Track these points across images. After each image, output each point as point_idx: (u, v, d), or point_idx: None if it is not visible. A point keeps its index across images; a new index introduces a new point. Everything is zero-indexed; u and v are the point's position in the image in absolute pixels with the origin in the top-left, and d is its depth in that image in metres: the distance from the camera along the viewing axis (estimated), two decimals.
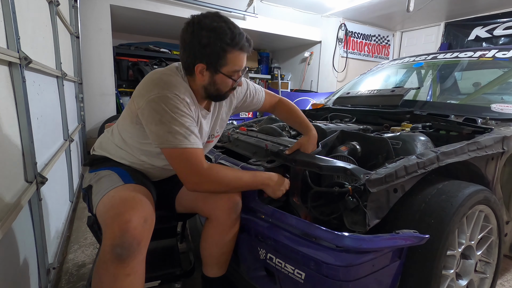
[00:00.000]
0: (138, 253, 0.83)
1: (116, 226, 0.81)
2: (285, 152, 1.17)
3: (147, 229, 0.87)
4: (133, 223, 0.82)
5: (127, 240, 0.80)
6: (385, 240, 0.84)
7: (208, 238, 1.13)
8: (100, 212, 0.91)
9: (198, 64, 0.96)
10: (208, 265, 1.17)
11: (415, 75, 2.44)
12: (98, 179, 1.03)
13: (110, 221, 0.84)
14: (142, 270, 0.88)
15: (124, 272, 0.81)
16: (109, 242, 0.80)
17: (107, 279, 0.81)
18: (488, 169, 1.26)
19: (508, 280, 1.55)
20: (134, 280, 0.83)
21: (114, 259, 0.80)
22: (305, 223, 0.94)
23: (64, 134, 2.17)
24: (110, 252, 0.80)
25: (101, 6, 3.69)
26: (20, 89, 1.14)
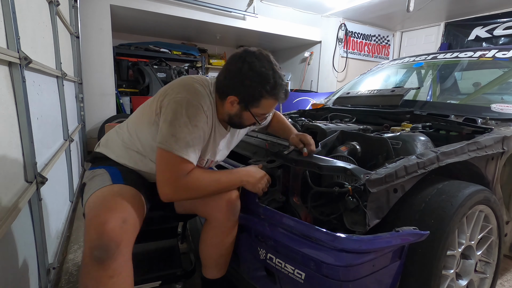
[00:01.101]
0: (118, 254, 0.81)
1: (93, 229, 0.81)
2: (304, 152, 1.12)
3: (127, 230, 0.85)
4: (109, 224, 0.81)
5: (104, 242, 0.79)
6: (385, 240, 0.84)
7: (207, 239, 1.12)
8: (86, 211, 0.91)
9: (232, 96, 1.00)
10: (207, 267, 1.16)
11: (415, 75, 2.44)
12: (92, 177, 1.02)
13: (88, 223, 0.83)
14: (128, 271, 0.86)
15: (106, 275, 0.80)
16: (87, 245, 0.80)
17: (90, 283, 0.80)
18: (488, 169, 1.26)
19: (508, 280, 1.55)
20: (118, 282, 0.82)
21: (94, 262, 0.79)
22: (304, 225, 0.94)
23: (64, 134, 2.17)
24: (90, 255, 0.79)
25: (101, 6, 3.70)
26: (20, 89, 1.14)
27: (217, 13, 4.45)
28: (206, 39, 6.03)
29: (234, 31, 5.06)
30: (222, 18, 4.54)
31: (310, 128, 1.51)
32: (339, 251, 0.84)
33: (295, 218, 0.99)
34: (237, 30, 4.97)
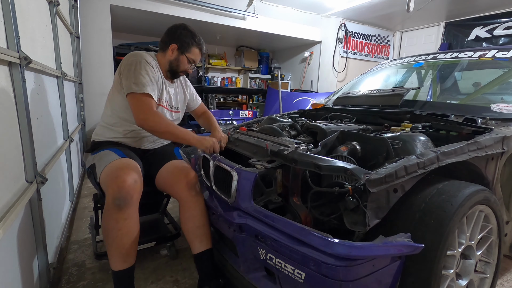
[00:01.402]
0: (131, 203, 1.18)
1: (115, 185, 1.16)
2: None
3: (137, 188, 1.21)
4: (127, 182, 1.17)
5: (123, 195, 1.15)
6: (377, 249, 0.84)
7: (183, 217, 1.37)
8: (103, 178, 1.25)
9: (173, 44, 1.48)
10: (192, 242, 1.36)
11: (415, 75, 2.44)
12: (99, 158, 1.36)
13: (111, 182, 1.18)
14: (136, 217, 1.22)
15: (122, 217, 1.16)
16: (111, 197, 1.15)
17: (111, 222, 1.16)
18: (488, 169, 1.26)
19: (508, 280, 1.55)
20: (130, 223, 1.19)
21: (115, 208, 1.15)
22: (296, 227, 0.94)
23: (64, 134, 2.17)
24: (112, 203, 1.15)
25: (101, 6, 3.69)
26: (20, 89, 1.14)
27: (217, 13, 4.45)
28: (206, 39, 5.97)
29: (234, 31, 5.06)
30: (222, 18, 4.54)
31: (310, 128, 1.51)
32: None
33: (288, 220, 0.99)
34: (237, 30, 4.97)
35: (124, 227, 1.17)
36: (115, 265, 1.20)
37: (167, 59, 1.50)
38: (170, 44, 1.48)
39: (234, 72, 6.99)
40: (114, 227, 1.16)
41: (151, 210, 1.80)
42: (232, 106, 6.83)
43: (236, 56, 6.96)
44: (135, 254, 1.24)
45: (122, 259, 1.19)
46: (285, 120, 1.77)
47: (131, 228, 1.19)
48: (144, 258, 1.69)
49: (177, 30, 1.49)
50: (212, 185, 1.37)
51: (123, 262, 1.20)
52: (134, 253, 1.23)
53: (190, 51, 1.50)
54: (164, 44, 1.50)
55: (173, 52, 1.48)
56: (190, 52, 1.50)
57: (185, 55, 1.49)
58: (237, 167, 1.21)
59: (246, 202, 1.14)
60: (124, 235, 1.17)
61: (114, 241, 1.17)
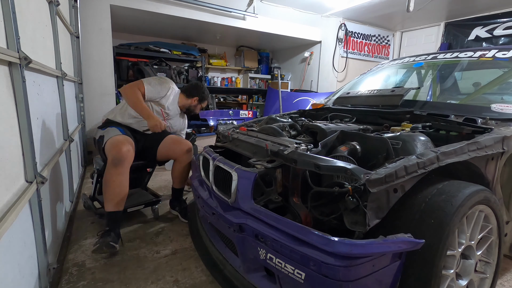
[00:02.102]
0: (124, 164, 1.74)
1: (115, 150, 1.74)
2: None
3: (129, 155, 1.78)
4: (122, 149, 1.75)
5: (118, 157, 1.72)
6: (377, 246, 0.84)
7: (175, 169, 2.17)
8: (108, 146, 1.82)
9: (196, 97, 2.31)
10: (175, 182, 2.21)
11: (415, 75, 2.44)
12: (107, 132, 1.95)
13: (112, 148, 1.77)
14: (127, 175, 1.78)
15: (117, 172, 1.72)
16: (111, 158, 1.73)
17: (109, 175, 1.72)
18: (488, 169, 1.26)
19: (508, 280, 1.55)
20: (122, 178, 1.75)
21: (113, 165, 1.72)
22: (297, 227, 0.94)
23: (64, 134, 2.17)
24: (111, 162, 1.72)
25: (101, 6, 3.69)
26: (20, 89, 1.14)
27: (217, 13, 4.45)
28: (206, 39, 6.02)
29: (234, 31, 5.06)
30: (222, 18, 4.54)
31: (310, 128, 1.51)
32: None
33: (288, 219, 0.99)
34: (237, 30, 4.96)
35: (117, 180, 1.72)
36: (109, 207, 1.72)
37: (189, 103, 2.30)
38: (194, 96, 2.29)
39: (234, 72, 6.99)
40: (111, 179, 1.71)
41: (136, 185, 2.43)
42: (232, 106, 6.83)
43: (236, 56, 6.95)
44: (124, 203, 1.78)
45: (114, 203, 1.72)
46: (285, 120, 1.77)
47: (123, 182, 1.75)
48: (144, 258, 1.69)
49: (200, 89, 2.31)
50: (212, 186, 1.37)
51: (115, 206, 1.73)
52: (123, 202, 1.77)
53: (203, 102, 2.36)
54: (189, 93, 2.29)
55: (195, 101, 2.31)
56: (203, 103, 2.36)
57: (199, 105, 2.34)
58: (237, 167, 1.21)
59: (246, 202, 1.14)
60: (117, 185, 1.72)
61: (110, 188, 1.71)
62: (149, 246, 1.81)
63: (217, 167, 1.34)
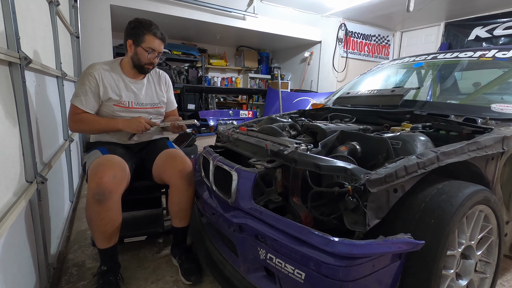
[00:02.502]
0: (110, 197, 1.27)
1: (94, 182, 1.26)
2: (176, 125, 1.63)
3: (116, 182, 1.30)
4: (104, 179, 1.26)
5: (102, 190, 1.25)
6: (377, 246, 0.84)
7: (170, 199, 1.53)
8: (88, 175, 1.35)
9: (128, 40, 1.55)
10: (173, 218, 1.55)
11: (415, 75, 2.44)
12: (88, 157, 1.49)
13: (91, 179, 1.28)
14: (117, 206, 1.33)
15: (103, 209, 1.27)
16: (90, 192, 1.26)
17: (93, 214, 1.28)
18: (488, 169, 1.26)
19: (508, 280, 1.55)
20: (111, 213, 1.30)
21: (95, 202, 1.25)
22: (297, 227, 0.94)
23: (64, 134, 2.17)
24: (92, 198, 1.25)
25: (101, 6, 3.69)
26: (20, 89, 1.14)
27: (217, 13, 4.45)
28: (206, 39, 6.03)
29: (234, 31, 5.06)
30: (222, 18, 4.54)
31: (310, 128, 1.51)
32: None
33: (288, 220, 0.99)
34: (237, 30, 4.97)
35: (106, 217, 1.29)
36: (100, 245, 1.36)
37: (129, 57, 1.57)
38: (127, 41, 1.55)
39: (234, 72, 6.99)
40: (97, 218, 1.29)
41: (152, 205, 1.84)
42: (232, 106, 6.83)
43: (236, 56, 6.96)
44: (118, 234, 1.40)
45: (106, 241, 1.36)
46: (285, 120, 1.77)
47: (113, 217, 1.32)
48: (144, 258, 1.69)
49: (129, 26, 1.54)
50: (212, 186, 1.37)
51: (107, 243, 1.36)
52: (117, 235, 1.39)
53: (144, 40, 1.52)
54: (124, 46, 1.58)
55: (131, 47, 1.55)
56: (144, 41, 1.52)
57: (141, 46, 1.53)
58: (237, 167, 1.21)
59: (246, 202, 1.14)
60: (106, 223, 1.31)
61: (98, 228, 1.31)
62: (149, 246, 1.81)
63: (217, 167, 1.34)
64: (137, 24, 1.52)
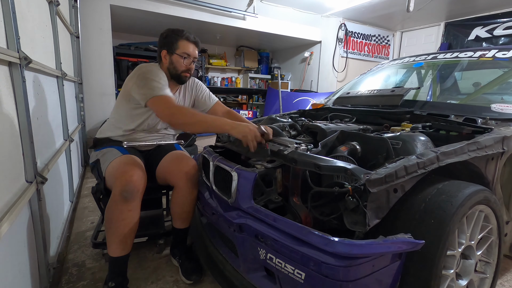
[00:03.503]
0: (137, 197, 1.28)
1: (124, 179, 1.25)
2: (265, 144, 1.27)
3: (143, 183, 1.31)
4: (134, 177, 1.27)
5: (130, 188, 1.24)
6: (377, 246, 0.84)
7: (174, 200, 1.50)
8: (110, 172, 1.36)
9: (162, 51, 1.54)
10: (175, 219, 1.55)
11: (415, 75, 2.44)
12: (103, 154, 1.47)
13: (119, 176, 1.27)
14: (138, 210, 1.32)
15: (127, 208, 1.26)
16: (118, 189, 1.24)
17: (116, 213, 1.25)
18: (488, 169, 1.26)
19: (508, 280, 1.55)
20: (133, 214, 1.29)
21: (122, 200, 1.24)
22: (296, 227, 0.94)
23: (64, 134, 2.17)
24: (119, 195, 1.23)
25: (101, 6, 3.69)
26: (20, 89, 1.14)
27: (217, 13, 4.45)
28: (206, 39, 6.02)
29: (234, 31, 5.06)
30: (222, 18, 4.54)
31: (310, 128, 1.51)
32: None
33: (288, 220, 0.99)
34: (237, 30, 4.96)
35: (127, 218, 1.27)
36: (114, 252, 1.30)
37: (165, 68, 1.55)
38: (161, 52, 1.54)
39: (234, 72, 6.99)
40: (119, 217, 1.26)
41: (153, 206, 1.85)
42: (232, 106, 6.83)
43: (236, 56, 6.95)
44: (132, 243, 1.35)
45: (121, 247, 1.30)
46: (285, 120, 1.77)
47: (133, 219, 1.30)
48: (144, 258, 1.69)
49: (161, 37, 1.55)
50: (212, 186, 1.37)
51: (122, 250, 1.30)
52: (131, 243, 1.34)
53: (177, 46, 1.51)
54: (159, 57, 1.57)
55: (166, 57, 1.54)
56: (178, 47, 1.51)
57: (176, 53, 1.52)
58: (237, 167, 1.21)
59: (246, 202, 1.14)
60: (126, 225, 1.28)
61: (116, 230, 1.27)
62: (149, 246, 1.81)
63: (217, 167, 1.34)
64: (168, 33, 1.53)
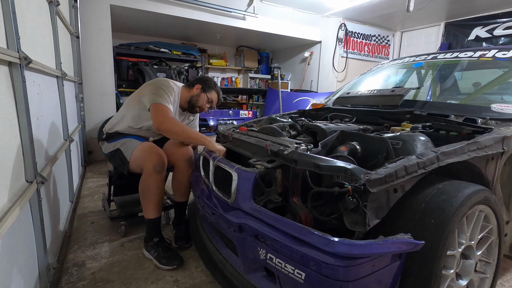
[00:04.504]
0: (164, 170, 1.65)
1: (155, 157, 1.62)
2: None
3: (166, 160, 1.67)
4: (162, 155, 1.66)
5: (161, 163, 1.63)
6: (377, 247, 0.84)
7: (174, 177, 1.85)
8: (137, 156, 1.68)
9: (198, 84, 1.92)
10: (176, 194, 1.88)
11: (415, 75, 2.44)
12: (122, 144, 1.77)
13: (150, 156, 1.64)
14: (164, 180, 1.71)
15: (160, 179, 1.64)
16: (152, 165, 1.60)
17: (152, 183, 1.62)
18: (488, 169, 1.26)
19: (508, 280, 1.55)
20: (163, 184, 1.68)
21: (156, 173, 1.61)
22: (297, 227, 0.94)
23: (64, 134, 2.17)
24: (153, 170, 1.60)
25: (101, 6, 3.69)
26: (20, 89, 1.14)
27: (217, 13, 4.45)
28: (206, 39, 6.02)
29: (234, 31, 5.06)
30: (222, 18, 4.54)
31: (310, 128, 1.51)
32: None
33: (288, 220, 0.99)
34: (237, 30, 4.96)
35: (160, 186, 1.65)
36: (151, 214, 1.66)
37: (190, 94, 1.91)
38: (196, 84, 1.91)
39: (234, 72, 6.99)
40: (154, 186, 1.62)
41: None
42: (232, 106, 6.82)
43: (236, 56, 6.95)
44: (162, 206, 1.75)
45: (157, 210, 1.67)
46: (285, 120, 1.77)
47: (163, 188, 1.69)
48: (144, 258, 1.69)
49: (204, 77, 1.97)
50: (212, 186, 1.37)
51: (157, 212, 1.68)
52: (162, 206, 1.76)
53: (210, 92, 1.93)
54: (191, 84, 1.94)
55: (197, 90, 1.90)
56: (210, 93, 1.93)
57: (206, 94, 1.91)
58: (237, 167, 1.21)
59: (246, 202, 1.14)
60: (159, 192, 1.66)
61: (153, 196, 1.64)
62: None
63: (217, 167, 1.34)
64: (211, 80, 1.97)
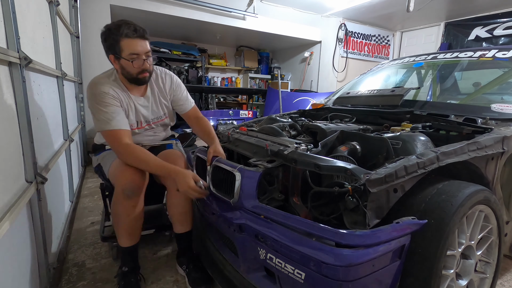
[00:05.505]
0: (138, 193, 1.31)
1: (124, 178, 1.28)
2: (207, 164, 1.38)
3: (143, 179, 1.33)
4: (133, 176, 1.29)
5: (132, 186, 1.28)
6: (387, 232, 0.85)
7: (169, 202, 1.49)
8: (112, 173, 1.38)
9: (109, 55, 1.34)
10: (174, 224, 1.52)
11: (415, 75, 2.44)
12: (102, 158, 1.52)
13: (120, 175, 1.30)
14: (142, 203, 1.37)
15: (131, 204, 1.31)
16: (120, 188, 1.27)
17: (120, 209, 1.31)
18: (488, 169, 1.26)
19: (508, 280, 1.55)
20: (138, 209, 1.34)
21: (125, 197, 1.28)
22: (307, 222, 0.94)
23: (64, 134, 2.17)
24: (122, 194, 1.27)
25: (101, 6, 3.69)
26: (20, 89, 1.14)
27: (217, 13, 4.45)
28: (206, 39, 6.03)
29: (234, 31, 5.06)
30: (222, 18, 4.54)
31: (310, 128, 1.51)
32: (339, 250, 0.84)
33: (297, 216, 0.99)
34: (237, 30, 4.96)
35: (132, 213, 1.32)
36: (124, 243, 1.38)
37: (120, 72, 1.38)
38: (108, 57, 1.35)
39: (234, 72, 6.99)
40: (123, 213, 1.31)
41: (154, 201, 1.91)
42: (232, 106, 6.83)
43: (236, 56, 6.95)
44: (140, 233, 1.42)
45: (130, 238, 1.38)
46: (285, 120, 1.77)
47: (138, 213, 1.35)
48: (144, 258, 1.69)
49: (102, 40, 1.32)
50: (210, 186, 1.37)
51: (130, 241, 1.38)
52: (139, 233, 1.42)
53: (121, 48, 1.28)
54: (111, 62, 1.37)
55: (115, 63, 1.34)
56: (122, 49, 1.28)
57: (122, 57, 1.29)
58: (239, 167, 1.21)
59: (251, 201, 1.14)
60: (132, 219, 1.34)
61: (123, 224, 1.34)
62: (149, 246, 1.81)
63: (216, 167, 1.34)
64: (106, 33, 1.29)
